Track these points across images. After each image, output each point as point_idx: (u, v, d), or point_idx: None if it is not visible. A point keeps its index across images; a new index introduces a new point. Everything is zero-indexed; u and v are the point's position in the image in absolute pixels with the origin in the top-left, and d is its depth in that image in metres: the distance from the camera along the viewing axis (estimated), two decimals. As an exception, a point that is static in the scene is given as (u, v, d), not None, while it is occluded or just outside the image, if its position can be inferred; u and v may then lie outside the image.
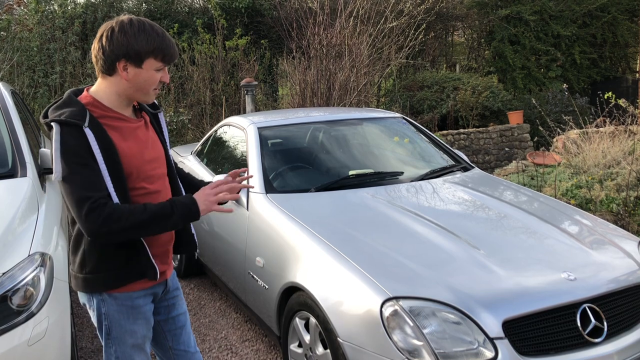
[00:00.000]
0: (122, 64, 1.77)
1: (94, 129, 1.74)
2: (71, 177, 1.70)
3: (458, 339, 2.21)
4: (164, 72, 1.85)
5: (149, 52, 1.77)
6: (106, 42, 1.76)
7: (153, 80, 1.82)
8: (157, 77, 1.83)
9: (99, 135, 1.74)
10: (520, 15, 11.26)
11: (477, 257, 2.59)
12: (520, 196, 3.59)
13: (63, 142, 1.69)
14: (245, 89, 7.74)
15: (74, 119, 1.71)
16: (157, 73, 1.82)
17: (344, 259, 2.58)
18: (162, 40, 1.79)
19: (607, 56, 12.14)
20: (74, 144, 1.70)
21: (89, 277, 1.86)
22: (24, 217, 2.76)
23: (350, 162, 3.92)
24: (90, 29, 9.49)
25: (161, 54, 1.79)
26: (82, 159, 1.71)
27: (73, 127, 1.71)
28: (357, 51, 7.98)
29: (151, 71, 1.80)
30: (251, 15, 10.36)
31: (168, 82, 1.88)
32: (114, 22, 1.78)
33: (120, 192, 1.77)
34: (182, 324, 2.13)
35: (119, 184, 1.77)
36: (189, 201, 1.82)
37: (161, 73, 1.84)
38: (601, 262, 2.69)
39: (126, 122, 1.87)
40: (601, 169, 5.55)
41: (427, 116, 9.60)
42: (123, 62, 1.77)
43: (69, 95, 1.83)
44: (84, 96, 1.83)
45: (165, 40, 1.80)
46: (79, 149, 1.70)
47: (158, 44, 1.78)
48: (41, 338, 2.36)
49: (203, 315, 4.01)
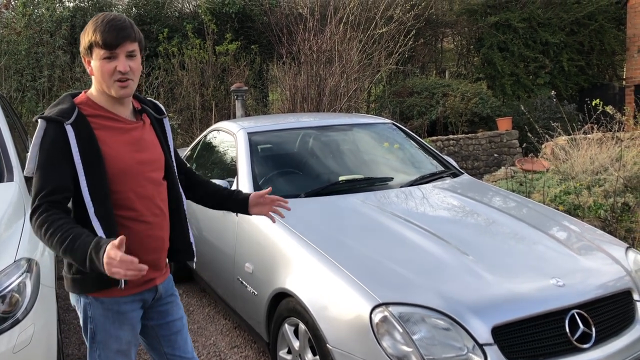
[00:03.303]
0: (85, 59, 1.84)
1: (77, 127, 1.75)
2: (38, 172, 1.73)
3: (447, 345, 2.21)
4: (118, 60, 1.78)
5: (92, 42, 1.79)
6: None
7: (106, 70, 1.78)
8: (109, 66, 1.78)
9: (82, 133, 1.75)
10: (509, 23, 11.35)
11: (466, 263, 2.60)
12: (509, 202, 3.60)
13: (43, 138, 1.74)
14: (236, 94, 7.73)
15: (58, 116, 1.74)
16: (109, 62, 1.78)
17: (333, 264, 2.57)
18: (98, 27, 1.77)
19: (595, 63, 12.25)
20: (50, 142, 1.73)
21: (76, 277, 1.86)
22: (10, 222, 2.73)
23: (340, 167, 3.92)
24: (79, 32, 9.42)
25: (101, 40, 1.76)
26: (54, 157, 1.73)
27: (55, 123, 1.74)
28: (347, 57, 8.00)
29: (100, 61, 1.78)
30: (241, 21, 10.36)
31: (125, 70, 1.79)
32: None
33: (96, 193, 1.76)
34: (178, 329, 2.10)
35: (96, 184, 1.77)
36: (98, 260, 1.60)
37: (115, 62, 1.78)
38: (589, 268, 2.70)
39: (119, 122, 1.86)
40: (589, 175, 5.59)
41: (416, 122, 9.63)
42: (86, 57, 1.84)
43: (65, 95, 1.87)
44: (80, 96, 1.87)
45: (102, 26, 1.77)
46: (55, 147, 1.73)
47: (95, 32, 1.77)
48: (27, 345, 2.33)
49: (192, 322, 3.98)
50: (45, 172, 1.73)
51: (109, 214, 1.79)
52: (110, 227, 1.79)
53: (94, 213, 1.76)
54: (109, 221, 1.79)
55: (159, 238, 1.96)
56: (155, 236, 1.94)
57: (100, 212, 1.77)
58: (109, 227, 1.78)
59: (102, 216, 1.77)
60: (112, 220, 1.80)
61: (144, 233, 1.89)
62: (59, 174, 1.73)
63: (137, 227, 1.87)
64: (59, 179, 1.73)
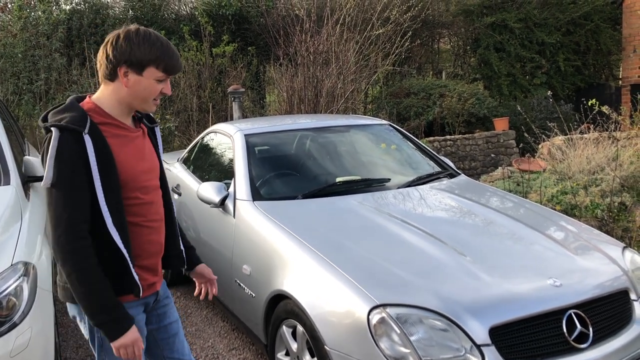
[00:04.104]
0: (123, 69, 1.78)
1: (93, 136, 1.73)
2: (59, 187, 1.69)
3: (445, 346, 2.21)
4: (165, 83, 1.85)
5: (151, 61, 1.78)
6: (110, 48, 1.78)
7: (153, 90, 1.83)
8: (157, 87, 1.83)
9: (97, 143, 1.74)
10: (505, 23, 11.37)
11: (463, 264, 2.60)
12: (506, 202, 3.61)
13: (59, 148, 1.68)
14: (233, 95, 7.72)
15: (74, 125, 1.71)
16: (158, 84, 1.83)
17: (331, 266, 2.58)
18: (164, 51, 1.80)
19: (591, 63, 12.29)
20: (69, 152, 1.69)
21: None
22: (7, 226, 2.72)
23: (337, 169, 3.92)
24: (76, 35, 9.42)
25: (163, 64, 1.80)
26: (75, 169, 1.70)
27: (72, 132, 1.70)
28: (344, 58, 8.00)
29: (151, 80, 1.81)
30: (238, 22, 10.35)
31: (170, 94, 1.89)
32: (121, 30, 1.80)
33: (112, 203, 1.76)
34: (175, 331, 2.11)
35: (111, 194, 1.76)
36: (119, 328, 1.75)
37: (163, 84, 1.84)
38: (586, 268, 2.71)
39: (126, 131, 1.87)
40: (586, 175, 5.60)
41: (413, 123, 9.64)
42: (124, 67, 1.78)
43: (71, 100, 1.83)
44: (86, 102, 1.83)
45: (169, 52, 1.81)
46: (74, 157, 1.69)
47: (160, 54, 1.79)
48: (24, 349, 2.32)
49: (190, 324, 3.98)
50: (70, 190, 1.69)
51: (123, 222, 1.80)
52: (125, 235, 1.80)
53: (112, 223, 1.76)
54: (124, 229, 1.80)
55: (158, 242, 1.98)
56: (155, 241, 1.96)
57: (117, 222, 1.78)
58: (124, 235, 1.80)
59: (119, 226, 1.78)
60: (126, 228, 1.81)
61: (146, 238, 1.91)
62: (83, 191, 1.71)
63: (142, 232, 1.89)
64: (84, 199, 1.71)
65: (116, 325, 1.75)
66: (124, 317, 1.77)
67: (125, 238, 1.80)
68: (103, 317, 1.73)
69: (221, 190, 3.50)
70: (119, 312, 1.76)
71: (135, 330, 1.78)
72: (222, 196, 3.47)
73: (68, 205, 1.69)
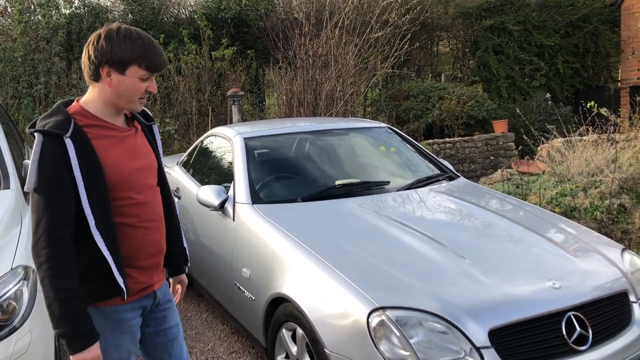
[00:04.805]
0: (105, 69, 1.77)
1: (76, 139, 1.72)
2: (40, 191, 1.68)
3: (445, 349, 2.22)
4: (150, 81, 1.83)
5: (132, 60, 1.76)
6: (92, 48, 1.77)
7: (137, 89, 1.81)
8: (141, 86, 1.81)
9: (80, 145, 1.73)
10: (504, 26, 11.39)
11: (463, 267, 2.60)
12: (506, 205, 3.61)
13: (42, 153, 1.69)
14: (232, 99, 7.73)
15: (57, 129, 1.70)
16: (143, 82, 1.81)
17: (330, 269, 2.58)
18: (146, 48, 1.78)
19: (590, 65, 12.30)
20: (51, 157, 1.69)
21: None
22: (6, 230, 2.73)
23: (336, 172, 3.92)
24: (76, 39, 9.43)
25: (145, 62, 1.78)
26: (57, 174, 1.69)
27: (55, 137, 1.70)
28: (343, 61, 8.01)
29: (135, 79, 1.79)
30: (237, 26, 10.37)
31: (155, 92, 1.87)
32: (103, 30, 1.79)
33: (96, 205, 1.75)
34: (174, 336, 2.10)
35: (96, 196, 1.75)
36: (81, 342, 1.71)
37: (147, 82, 1.82)
38: (586, 270, 2.71)
39: (114, 131, 1.85)
40: (585, 177, 5.61)
41: (412, 125, 9.65)
42: (107, 67, 1.77)
43: (57, 105, 1.82)
44: (73, 106, 1.83)
45: (151, 49, 1.79)
46: (57, 162, 1.69)
47: (142, 52, 1.77)
48: (24, 353, 2.32)
49: (190, 327, 3.98)
50: (51, 194, 1.68)
51: (109, 224, 1.78)
52: (111, 237, 1.78)
53: (95, 225, 1.75)
54: (109, 231, 1.78)
55: (157, 243, 1.96)
56: (154, 241, 1.94)
57: (101, 224, 1.76)
58: (109, 237, 1.78)
59: (103, 228, 1.76)
60: (112, 230, 1.79)
61: (143, 239, 1.90)
62: (65, 194, 1.70)
63: (136, 233, 1.88)
64: (65, 203, 1.70)
65: (78, 339, 1.70)
66: (88, 332, 1.71)
67: (112, 240, 1.78)
68: (67, 327, 1.68)
69: (220, 193, 3.51)
70: (84, 326, 1.70)
71: (97, 347, 1.73)
72: (222, 199, 3.47)
73: (48, 210, 1.68)
